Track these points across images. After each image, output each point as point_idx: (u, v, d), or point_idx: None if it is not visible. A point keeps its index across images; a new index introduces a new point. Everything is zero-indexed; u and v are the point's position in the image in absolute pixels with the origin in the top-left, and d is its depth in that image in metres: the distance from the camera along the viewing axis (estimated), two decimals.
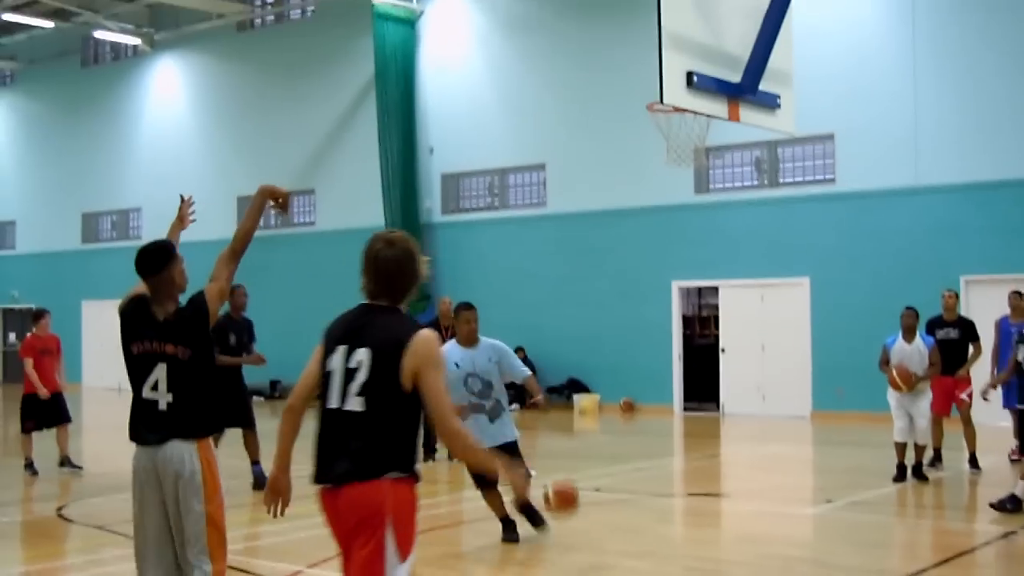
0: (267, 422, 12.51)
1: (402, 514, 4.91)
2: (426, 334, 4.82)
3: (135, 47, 34.31)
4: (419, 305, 26.89)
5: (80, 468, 14.89)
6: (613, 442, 19.60)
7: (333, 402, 4.83)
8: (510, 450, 9.17)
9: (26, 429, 14.95)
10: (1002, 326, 15.05)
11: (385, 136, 27.30)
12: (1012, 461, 14.60)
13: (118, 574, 8.92)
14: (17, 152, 38.77)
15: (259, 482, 12.80)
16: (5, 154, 39.06)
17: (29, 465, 14.78)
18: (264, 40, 31.73)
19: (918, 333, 13.63)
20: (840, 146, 21.98)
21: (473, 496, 13.03)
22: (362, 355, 4.81)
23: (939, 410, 14.07)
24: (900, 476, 13.34)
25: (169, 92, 33.97)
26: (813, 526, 11.37)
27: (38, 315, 15.45)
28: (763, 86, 12.09)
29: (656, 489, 13.55)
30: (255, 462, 13.17)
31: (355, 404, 4.77)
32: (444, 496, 13.55)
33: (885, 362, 13.52)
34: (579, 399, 24.32)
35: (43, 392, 14.71)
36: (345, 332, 4.97)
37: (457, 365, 9.06)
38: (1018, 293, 15.17)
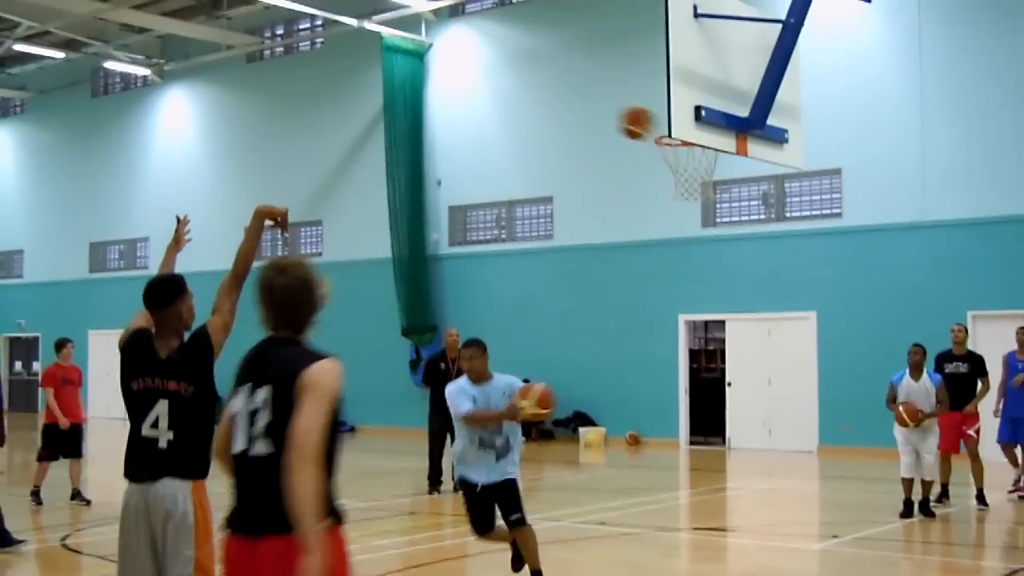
0: None
1: (333, 568, 4.26)
2: (323, 364, 4.45)
3: (145, 78, 34.48)
4: (426, 337, 26.95)
5: (89, 502, 14.77)
6: (619, 475, 19.54)
7: (239, 445, 4.50)
8: (508, 488, 9.02)
9: (41, 457, 14.83)
10: (1009, 361, 15.01)
11: (393, 168, 27.37)
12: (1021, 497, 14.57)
13: None
14: (26, 181, 38.90)
15: None
16: (14, 183, 39.19)
17: (35, 493, 14.69)
18: (273, 71, 31.87)
19: (925, 370, 13.59)
20: (847, 181, 21.99)
21: None
22: (263, 394, 4.47)
23: (947, 448, 14.04)
24: (907, 512, 13.26)
25: (178, 123, 34.11)
26: (819, 562, 11.31)
27: (60, 344, 15.34)
28: (771, 120, 12.12)
29: (662, 523, 13.50)
30: None
31: (261, 447, 4.42)
32: (449, 528, 13.51)
33: (892, 400, 13.47)
34: (585, 432, 24.25)
35: (63, 422, 14.56)
36: (247, 370, 4.61)
37: (475, 400, 8.94)
38: None
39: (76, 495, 14.80)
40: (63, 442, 14.72)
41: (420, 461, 16.83)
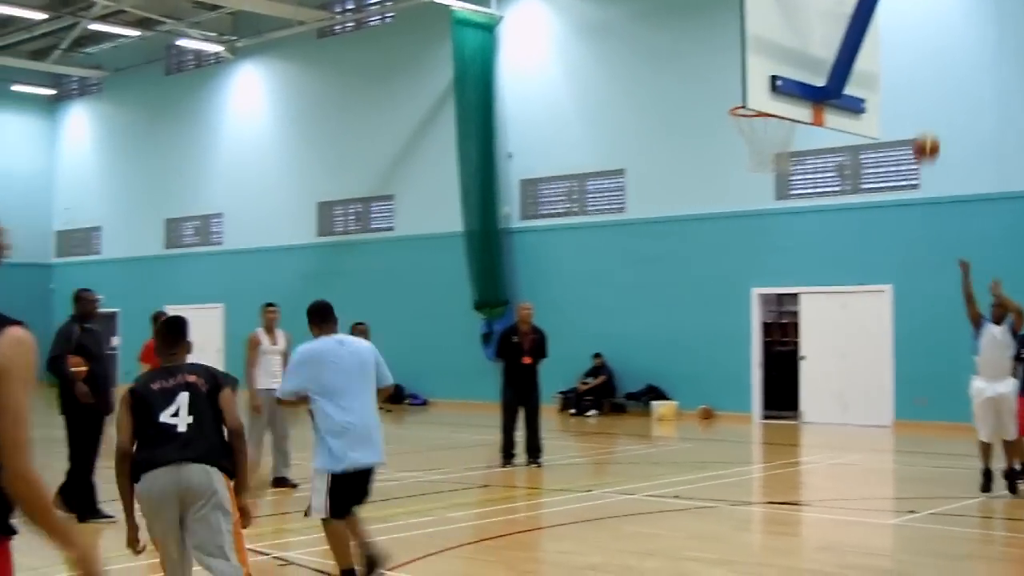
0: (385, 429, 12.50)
1: None
2: (14, 333, 3.53)
3: (217, 55, 34.74)
4: (498, 311, 26.99)
5: None
6: (691, 449, 19.46)
7: None
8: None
9: None
10: None
11: (464, 141, 27.38)
12: None
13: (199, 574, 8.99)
14: (103, 159, 39.44)
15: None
16: (92, 161, 39.76)
17: None
18: (344, 47, 31.97)
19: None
20: None
21: (552, 502, 13.03)
22: None
23: None
24: (987, 484, 12.85)
25: (250, 99, 34.36)
26: (895, 537, 11.18)
27: (157, 318, 14.41)
28: (848, 90, 11.95)
29: (736, 497, 13.42)
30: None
31: None
32: (522, 501, 13.55)
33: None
34: (657, 406, 24.18)
35: None
36: None
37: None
38: None
39: None
40: None
41: (492, 434, 16.89)
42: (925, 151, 12.37)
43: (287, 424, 14.06)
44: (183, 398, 6.34)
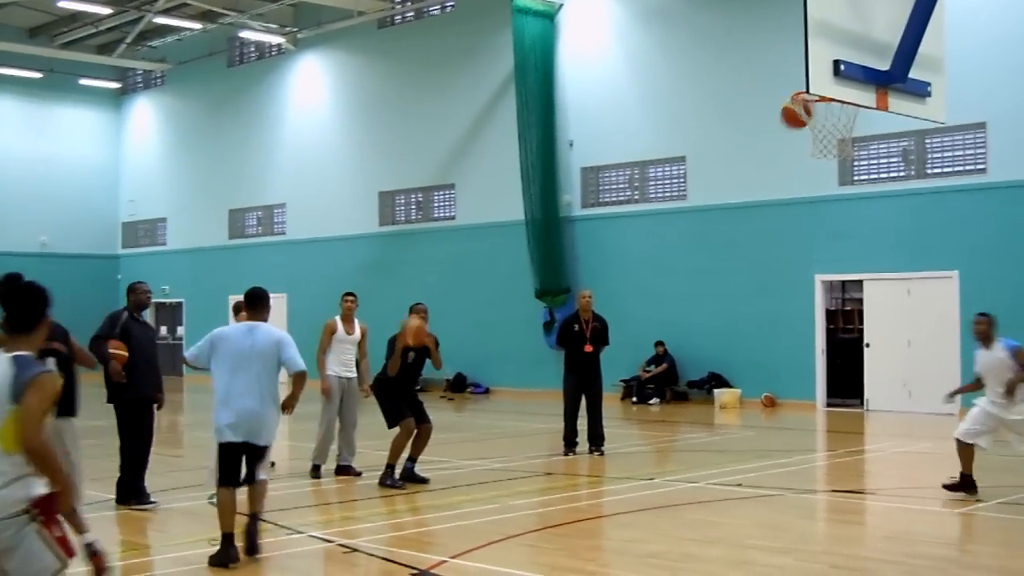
0: (447, 417, 12.56)
1: None
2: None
3: (279, 46, 34.98)
4: (559, 298, 26.99)
5: (272, 464, 13.94)
6: (754, 437, 19.35)
7: None
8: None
9: None
10: None
11: (525, 130, 27.38)
12: None
13: (265, 560, 9.09)
14: (168, 151, 39.85)
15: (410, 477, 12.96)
16: (157, 153, 40.19)
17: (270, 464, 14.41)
18: (404, 36, 32.05)
19: (1000, 339, 12.75)
20: (992, 135, 21.33)
21: (614, 490, 13.02)
22: None
23: None
24: (961, 486, 12.21)
25: (311, 90, 34.56)
26: (962, 526, 11.07)
27: (238, 308, 14.33)
28: (913, 73, 11.79)
29: (799, 485, 13.33)
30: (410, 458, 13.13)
31: None
32: (584, 489, 13.55)
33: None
34: (720, 393, 24.07)
35: None
36: None
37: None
38: None
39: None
40: None
41: (554, 423, 16.89)
42: (797, 116, 11.84)
43: (357, 413, 14.13)
44: None
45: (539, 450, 16.67)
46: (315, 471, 13.81)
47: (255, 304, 9.46)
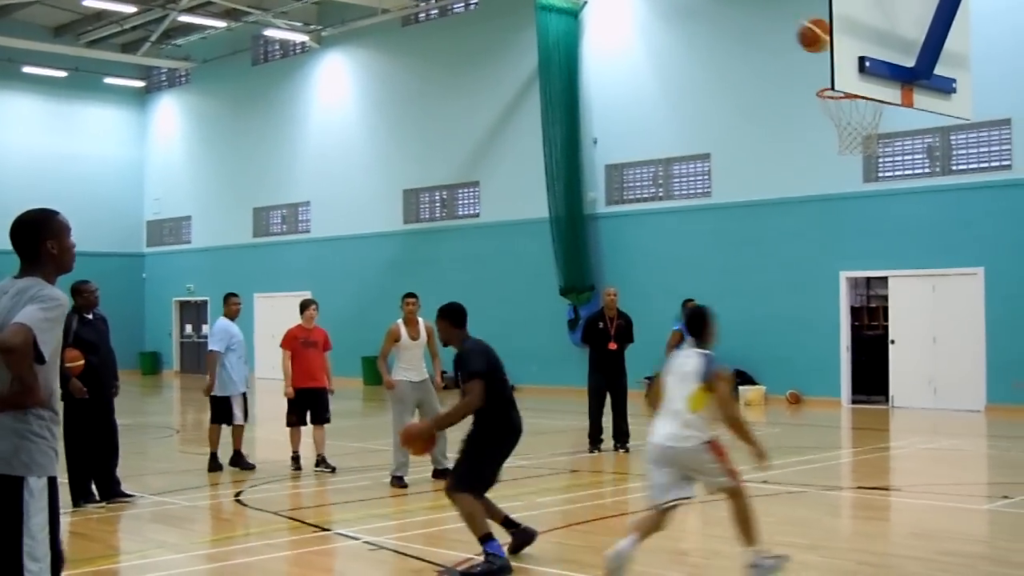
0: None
1: None
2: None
3: (303, 44, 35.11)
4: (584, 296, 27.00)
5: (333, 469, 14.02)
6: (780, 434, 19.30)
7: None
8: None
9: (290, 423, 14.30)
10: None
11: (549, 127, 27.39)
12: None
13: (292, 557, 9.15)
14: (192, 149, 40.03)
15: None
16: (181, 152, 40.37)
17: (295, 459, 14.21)
18: (428, 34, 32.11)
19: None
20: (1017, 131, 21.25)
21: (639, 487, 13.01)
22: None
23: None
24: None
25: (335, 87, 34.65)
26: (989, 523, 11.03)
27: (304, 306, 14.54)
28: (938, 70, 11.73)
29: (825, 482, 13.31)
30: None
31: None
32: (610, 487, 13.56)
33: None
34: (745, 390, 24.03)
35: (288, 391, 14.14)
36: None
37: None
38: None
39: (320, 462, 14.11)
40: (312, 406, 14.26)
41: (579, 420, 16.90)
42: (817, 38, 11.66)
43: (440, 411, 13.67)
44: None
45: (564, 447, 16.69)
46: (396, 481, 12.83)
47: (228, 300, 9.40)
